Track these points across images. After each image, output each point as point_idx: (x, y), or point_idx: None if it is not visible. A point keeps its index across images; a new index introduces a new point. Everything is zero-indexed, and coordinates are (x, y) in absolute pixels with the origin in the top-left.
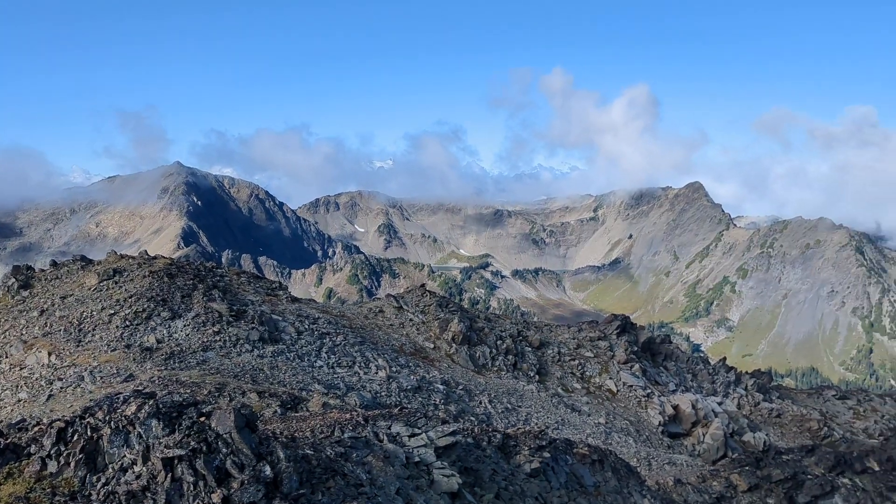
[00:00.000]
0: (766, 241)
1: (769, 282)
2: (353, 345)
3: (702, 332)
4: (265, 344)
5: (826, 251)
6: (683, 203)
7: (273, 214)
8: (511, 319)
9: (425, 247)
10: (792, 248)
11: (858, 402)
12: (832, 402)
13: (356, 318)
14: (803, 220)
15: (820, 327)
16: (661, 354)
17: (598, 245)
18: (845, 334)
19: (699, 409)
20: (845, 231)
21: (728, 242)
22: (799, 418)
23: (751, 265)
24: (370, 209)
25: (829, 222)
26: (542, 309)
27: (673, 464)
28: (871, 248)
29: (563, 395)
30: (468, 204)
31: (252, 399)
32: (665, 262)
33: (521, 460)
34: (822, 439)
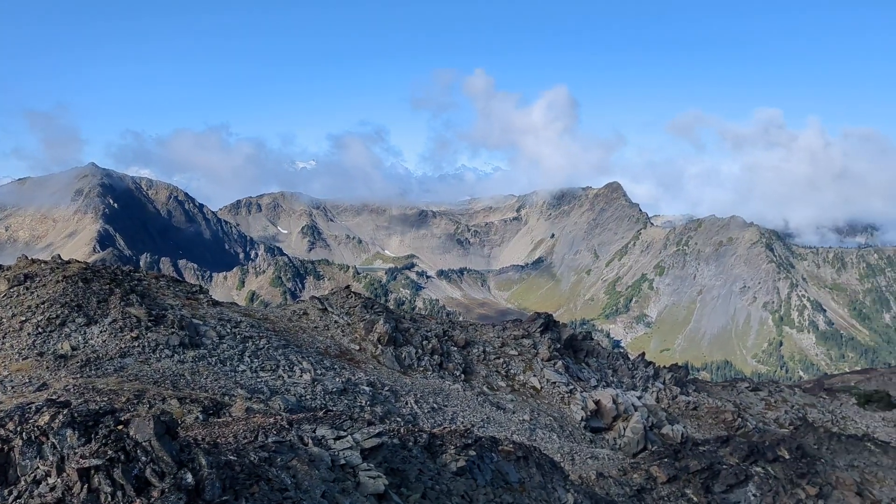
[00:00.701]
0: (682, 239)
1: (685, 279)
2: (276, 348)
3: (622, 329)
4: (186, 349)
5: (738, 248)
6: (603, 203)
7: (193, 216)
8: (437, 319)
9: (350, 248)
10: (706, 245)
11: (770, 394)
12: (745, 394)
13: (280, 320)
14: (716, 219)
15: (733, 322)
16: (583, 351)
17: (521, 244)
18: (757, 328)
19: (620, 403)
20: (756, 229)
21: (645, 241)
22: (714, 410)
23: (667, 263)
24: (293, 210)
25: (740, 220)
26: (468, 308)
27: (595, 458)
28: (779, 245)
29: (488, 394)
30: (393, 204)
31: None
32: (586, 260)
33: (447, 459)
34: (737, 430)
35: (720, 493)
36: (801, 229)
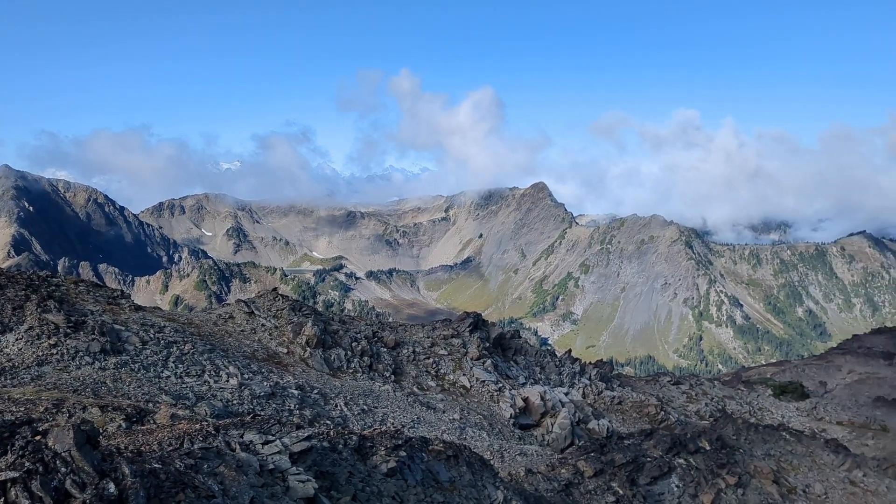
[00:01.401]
0: (605, 237)
1: (609, 276)
2: (202, 353)
3: (549, 326)
4: (107, 355)
5: (659, 246)
6: (529, 203)
7: (113, 219)
8: (366, 321)
9: (277, 250)
10: (628, 244)
11: (691, 387)
12: (668, 388)
13: (205, 325)
14: (638, 218)
15: (655, 318)
16: (512, 349)
17: (449, 245)
18: (678, 323)
19: (547, 400)
20: (675, 227)
21: (571, 240)
22: (638, 404)
23: (592, 261)
24: (218, 212)
25: (661, 219)
26: (397, 309)
27: (524, 454)
28: (698, 243)
29: (418, 394)
30: (320, 206)
31: (94, 414)
32: (513, 259)
33: (377, 461)
34: (660, 423)
35: (645, 486)
36: (719, 227)
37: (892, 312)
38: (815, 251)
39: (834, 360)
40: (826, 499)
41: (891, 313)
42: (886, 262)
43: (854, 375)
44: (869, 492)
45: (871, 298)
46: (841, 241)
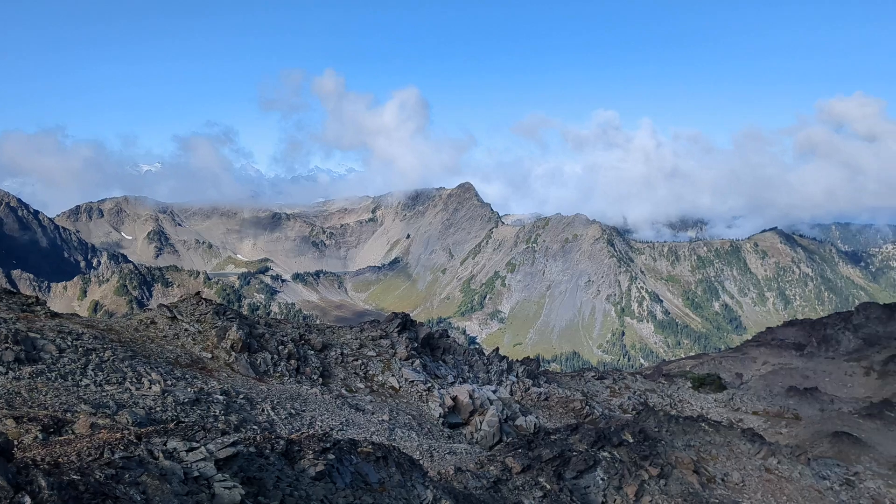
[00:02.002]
0: (531, 237)
1: (535, 275)
2: (122, 360)
3: (477, 325)
4: (21, 365)
5: (582, 244)
6: (456, 203)
7: (27, 224)
8: (293, 324)
9: (200, 253)
10: (553, 242)
11: (614, 381)
12: (592, 383)
13: (125, 331)
14: (562, 217)
15: (580, 314)
16: (440, 349)
17: (377, 245)
18: (601, 320)
19: (476, 398)
20: (598, 225)
21: (497, 239)
22: (564, 400)
23: (518, 260)
24: (138, 215)
25: (583, 218)
26: (324, 311)
27: (453, 453)
28: (620, 241)
29: (347, 396)
30: (244, 207)
31: (8, 425)
32: (441, 259)
33: (305, 464)
34: (585, 417)
35: (571, 479)
36: (639, 225)
37: (802, 305)
38: (730, 247)
39: (749, 353)
40: (743, 486)
41: (801, 306)
42: (797, 258)
43: (768, 367)
44: (783, 478)
45: (783, 292)
46: (754, 238)
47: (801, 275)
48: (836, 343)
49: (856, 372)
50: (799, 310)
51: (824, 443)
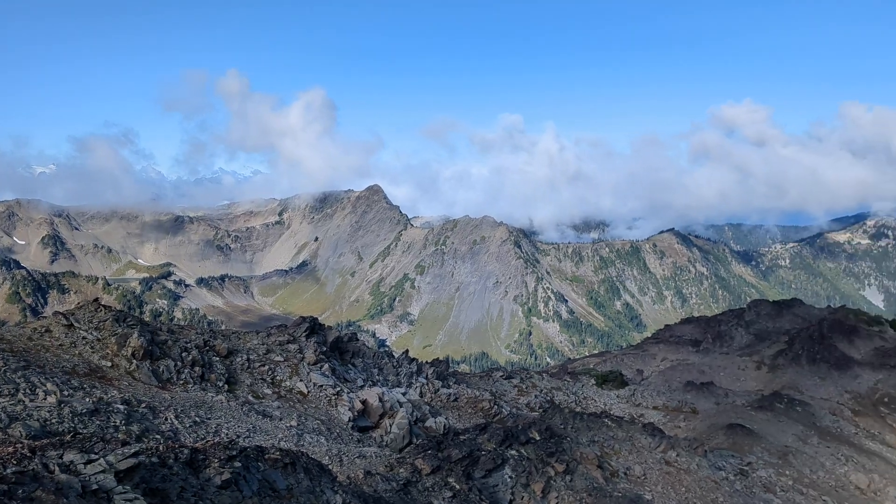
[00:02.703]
0: (440, 239)
1: (444, 276)
2: (15, 370)
3: (386, 328)
4: None
5: (490, 246)
6: (364, 205)
7: None
8: (197, 329)
9: (99, 258)
10: (462, 244)
11: (521, 380)
12: (500, 382)
13: (18, 340)
14: (470, 219)
15: (488, 315)
16: (349, 352)
17: (284, 249)
18: (509, 320)
19: (385, 401)
20: (505, 227)
21: (406, 242)
22: (473, 400)
23: (427, 262)
24: (31, 219)
25: (491, 220)
26: (230, 316)
27: (363, 457)
28: (526, 242)
29: (254, 403)
30: (145, 211)
31: None
32: (350, 262)
33: (210, 473)
34: (493, 417)
35: (480, 479)
36: (544, 227)
37: (698, 303)
38: (630, 248)
39: (649, 350)
40: (645, 479)
41: (697, 304)
42: (692, 257)
43: (667, 363)
44: (682, 470)
45: (680, 291)
46: (653, 239)
47: (697, 274)
48: (729, 339)
49: (748, 366)
50: (695, 307)
51: (720, 435)
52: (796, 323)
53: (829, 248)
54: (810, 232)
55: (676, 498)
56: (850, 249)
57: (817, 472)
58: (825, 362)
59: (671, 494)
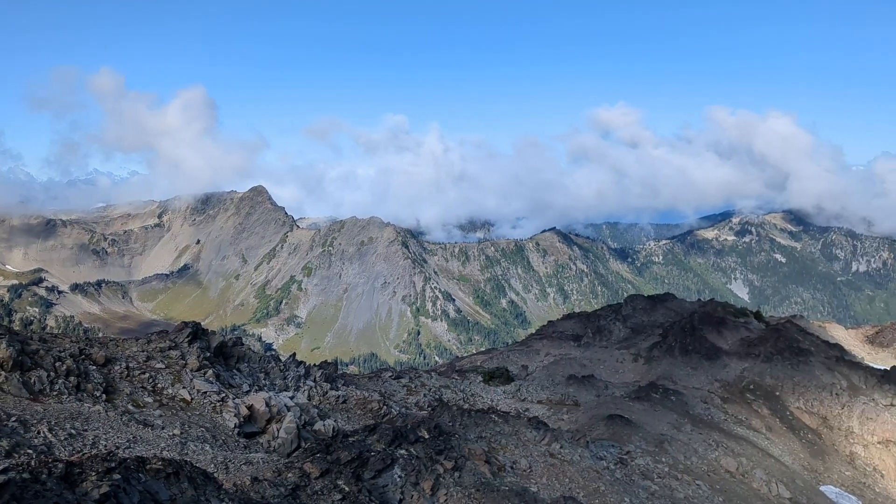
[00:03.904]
0: (327, 240)
1: (331, 278)
2: None
3: (273, 331)
4: None
5: (378, 247)
6: (248, 207)
7: None
8: (71, 338)
9: None
10: (349, 245)
11: (410, 380)
12: (389, 383)
13: None
14: (357, 220)
15: (377, 316)
16: (235, 357)
17: (164, 252)
18: (398, 320)
19: (273, 405)
20: (392, 228)
21: (293, 243)
22: (362, 401)
23: (314, 263)
24: None
25: (378, 221)
26: (107, 323)
27: (250, 463)
28: (413, 242)
29: (134, 412)
30: (13, 214)
31: None
32: (234, 265)
33: (88, 487)
34: (383, 417)
35: (370, 480)
36: (431, 227)
37: (579, 299)
38: (514, 247)
39: (533, 345)
40: (531, 472)
41: (578, 300)
42: (573, 255)
43: (550, 357)
44: (566, 462)
45: (562, 288)
46: (536, 238)
47: (578, 271)
48: (608, 333)
49: (626, 359)
50: (576, 303)
51: (600, 426)
52: (669, 316)
53: (699, 244)
54: (681, 230)
55: (560, 489)
56: (718, 246)
57: (691, 458)
58: (696, 353)
59: (555, 485)
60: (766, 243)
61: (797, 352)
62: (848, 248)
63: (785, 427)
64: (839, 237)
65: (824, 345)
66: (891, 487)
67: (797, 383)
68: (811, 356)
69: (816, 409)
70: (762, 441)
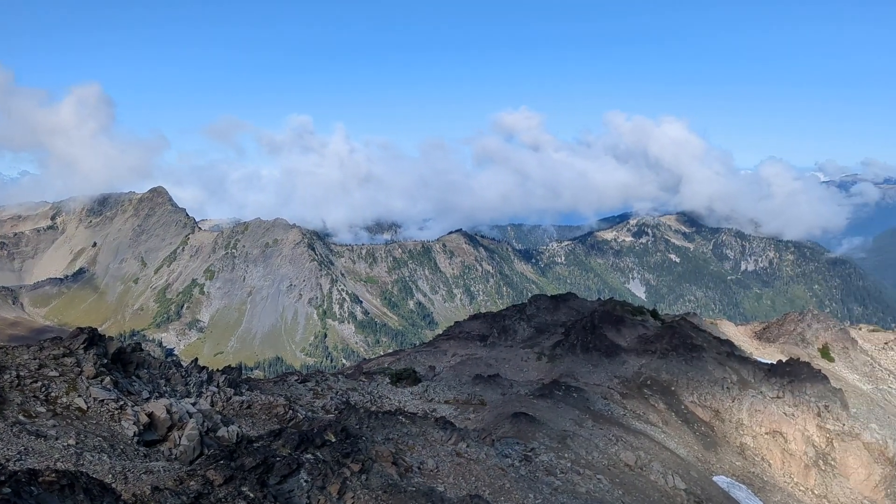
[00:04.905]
0: (230, 242)
1: (235, 281)
2: None
3: (174, 336)
4: None
5: (283, 249)
6: (148, 208)
7: None
8: None
9: None
10: (253, 247)
11: (317, 383)
12: (295, 387)
13: None
14: (262, 222)
15: (282, 319)
16: (134, 363)
17: (58, 255)
18: (304, 323)
19: (174, 412)
20: (298, 230)
21: (194, 245)
22: (267, 406)
23: (217, 266)
24: None
25: (284, 222)
26: None
27: (150, 472)
28: (320, 244)
29: (25, 423)
30: None
31: None
32: (133, 268)
33: None
34: (289, 422)
35: (275, 485)
36: (338, 228)
37: (485, 300)
38: (421, 248)
39: (440, 346)
40: (438, 472)
41: (484, 300)
42: (479, 256)
43: (457, 357)
44: (472, 460)
45: (468, 288)
46: (442, 239)
47: (484, 272)
48: (513, 333)
49: (530, 357)
50: (482, 304)
51: (506, 424)
52: (572, 315)
53: (599, 245)
54: (582, 231)
55: (467, 487)
56: (617, 246)
57: (592, 453)
58: (597, 350)
59: (462, 484)
60: (661, 244)
61: (691, 348)
62: (737, 249)
63: (680, 420)
64: (729, 238)
65: (716, 341)
66: (777, 475)
67: (691, 378)
68: (704, 352)
69: (709, 403)
70: (659, 435)
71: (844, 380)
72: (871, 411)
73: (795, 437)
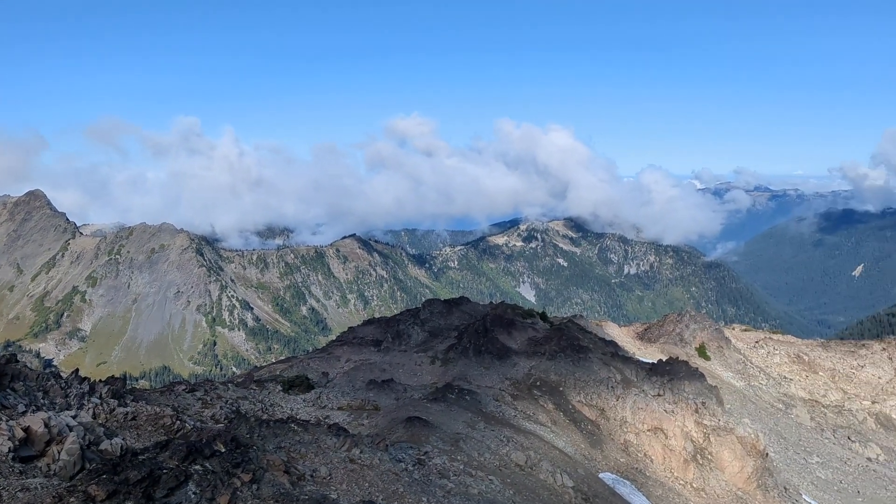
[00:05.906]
0: (113, 248)
1: (119, 288)
2: None
3: (53, 346)
4: None
5: (170, 254)
6: (24, 212)
7: None
8: None
9: None
10: (139, 253)
11: (206, 392)
12: (183, 396)
13: None
14: (147, 226)
15: (169, 327)
16: (8, 375)
17: None
18: (192, 331)
19: (53, 426)
20: (186, 235)
21: (75, 251)
22: (154, 417)
23: (100, 273)
24: None
25: (171, 227)
26: None
27: (26, 489)
28: (209, 250)
29: None
30: None
31: None
32: (8, 275)
33: None
34: (176, 433)
35: (162, 499)
36: (227, 233)
37: (379, 305)
38: (314, 254)
39: (334, 352)
40: (330, 479)
41: (378, 305)
42: (373, 261)
43: (351, 363)
44: (365, 466)
45: (362, 293)
46: (336, 244)
47: (378, 277)
48: (407, 337)
49: (424, 361)
50: (377, 309)
51: (399, 428)
52: (464, 319)
53: (491, 250)
54: (475, 236)
55: (360, 493)
56: (508, 251)
57: (484, 455)
58: (489, 353)
59: (356, 491)
60: (550, 248)
61: (578, 349)
62: (620, 253)
63: (568, 420)
64: (613, 242)
65: (601, 342)
66: (659, 471)
67: (578, 378)
68: (590, 353)
69: (595, 402)
70: (548, 434)
71: (720, 377)
72: (744, 406)
73: (675, 433)
